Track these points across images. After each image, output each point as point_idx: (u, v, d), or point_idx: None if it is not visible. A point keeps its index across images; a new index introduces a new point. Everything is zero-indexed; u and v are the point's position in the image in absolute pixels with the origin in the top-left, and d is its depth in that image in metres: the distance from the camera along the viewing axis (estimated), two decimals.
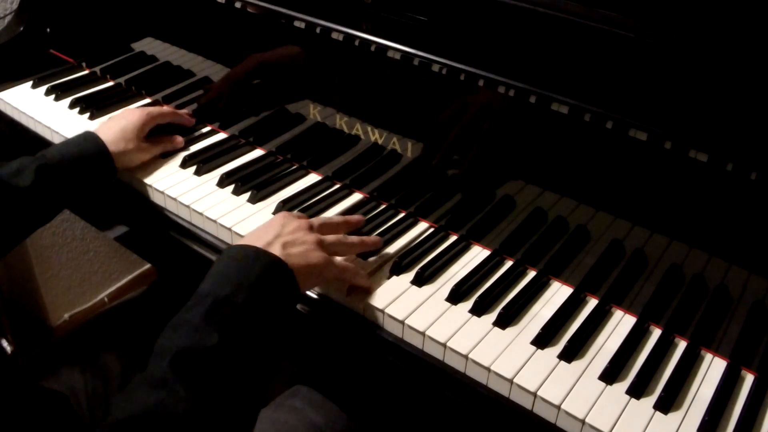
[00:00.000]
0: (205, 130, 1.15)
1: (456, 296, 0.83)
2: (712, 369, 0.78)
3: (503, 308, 0.81)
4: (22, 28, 1.29)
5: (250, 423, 0.68)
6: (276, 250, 0.73)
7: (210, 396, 0.63)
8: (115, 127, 1.00)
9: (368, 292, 0.83)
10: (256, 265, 0.71)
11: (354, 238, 0.86)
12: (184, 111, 1.14)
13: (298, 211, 0.95)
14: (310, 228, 0.81)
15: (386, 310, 0.81)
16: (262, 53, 1.05)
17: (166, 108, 1.11)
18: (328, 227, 0.85)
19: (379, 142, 0.97)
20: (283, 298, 0.72)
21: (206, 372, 0.64)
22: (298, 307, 0.86)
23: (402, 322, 0.80)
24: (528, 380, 0.73)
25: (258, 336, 0.68)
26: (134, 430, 0.59)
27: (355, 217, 0.91)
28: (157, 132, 1.07)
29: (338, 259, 0.82)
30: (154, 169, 1.04)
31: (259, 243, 0.74)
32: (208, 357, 0.64)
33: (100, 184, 0.99)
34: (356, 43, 0.92)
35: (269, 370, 0.71)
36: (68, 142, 0.97)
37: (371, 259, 0.88)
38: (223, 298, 0.67)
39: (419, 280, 0.85)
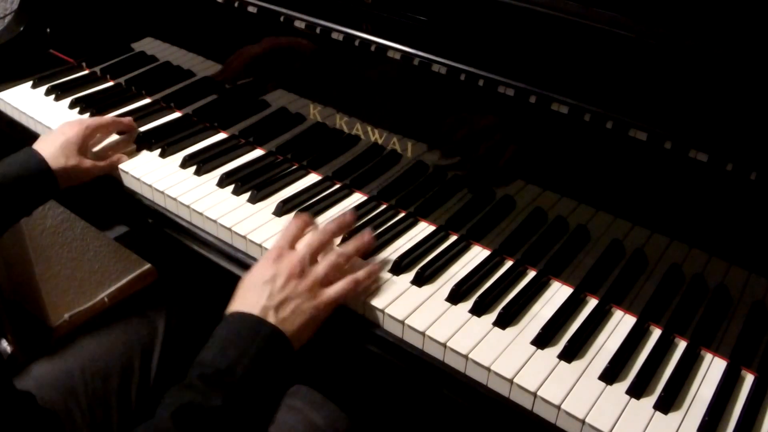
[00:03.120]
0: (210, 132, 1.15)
1: (456, 296, 0.83)
2: (712, 369, 0.78)
3: (503, 308, 0.81)
4: (22, 28, 1.29)
5: None
6: (270, 318, 0.74)
7: None
8: (55, 142, 0.98)
9: (371, 287, 0.83)
10: (256, 338, 0.72)
11: (349, 250, 0.84)
12: (126, 119, 1.11)
13: (298, 212, 0.95)
14: (302, 270, 0.79)
15: (386, 310, 0.81)
16: (252, 47, 1.05)
17: (105, 118, 1.09)
18: (319, 247, 0.83)
19: (379, 142, 0.97)
20: (281, 364, 0.74)
21: (209, 426, 0.66)
22: None
23: (402, 322, 0.80)
24: (528, 380, 0.73)
25: (260, 398, 0.70)
26: None
27: (348, 217, 0.88)
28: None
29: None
30: (153, 169, 1.04)
31: (256, 308, 0.75)
32: (212, 416, 0.66)
33: (43, 200, 0.99)
34: (356, 43, 0.92)
35: (271, 419, 0.74)
36: (8, 162, 0.96)
37: (371, 259, 0.88)
38: (225, 369, 0.69)
39: (419, 280, 0.85)
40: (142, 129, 1.13)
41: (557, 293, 0.86)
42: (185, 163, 1.05)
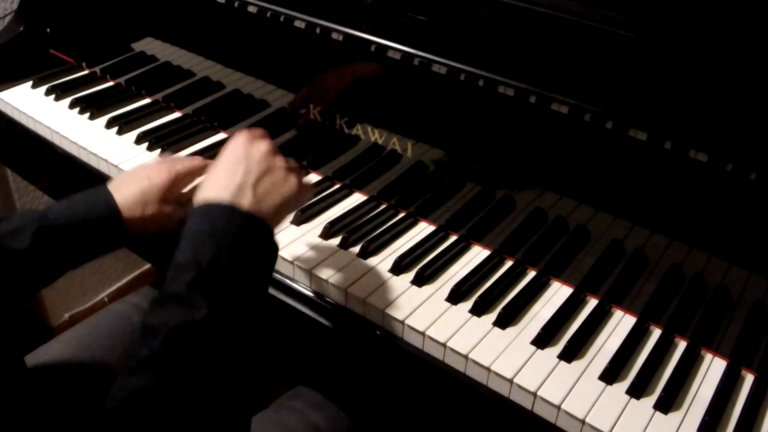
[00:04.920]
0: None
1: (456, 296, 0.83)
2: (712, 369, 0.78)
3: (503, 308, 0.81)
4: (22, 28, 1.29)
5: (249, 390, 0.66)
6: (247, 197, 0.68)
7: (205, 369, 0.61)
8: (135, 188, 0.83)
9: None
10: (232, 225, 0.66)
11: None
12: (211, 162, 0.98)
13: (298, 211, 0.95)
14: (276, 149, 0.74)
15: (386, 311, 0.81)
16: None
17: (195, 163, 0.88)
18: None
19: (379, 142, 0.97)
20: (262, 251, 0.69)
21: (201, 345, 0.62)
22: (298, 307, 0.87)
23: (402, 322, 0.80)
24: (528, 380, 0.73)
25: (246, 296, 0.66)
26: (133, 412, 0.58)
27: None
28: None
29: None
30: None
31: (228, 192, 0.69)
32: (201, 329, 0.62)
33: (109, 250, 0.85)
34: (356, 43, 0.92)
35: (259, 329, 0.68)
36: (77, 200, 0.82)
37: (371, 258, 0.89)
38: (207, 265, 0.64)
39: (419, 280, 0.85)
40: (142, 129, 1.13)
41: (557, 293, 0.86)
42: None
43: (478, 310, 0.81)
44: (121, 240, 0.84)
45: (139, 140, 1.11)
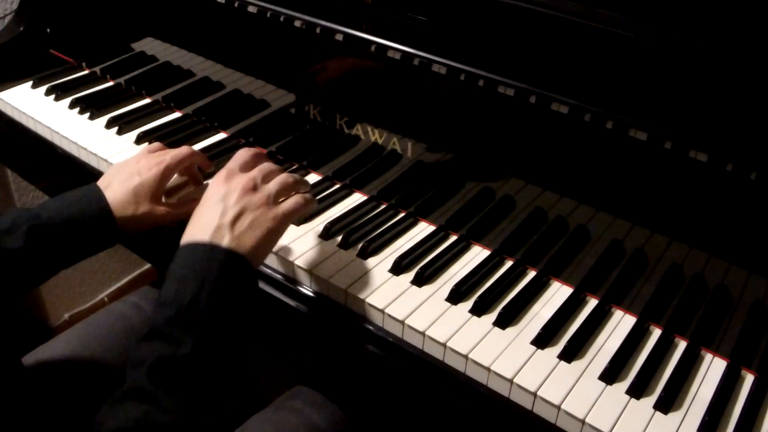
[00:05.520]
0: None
1: (456, 296, 0.83)
2: (712, 369, 0.78)
3: (503, 308, 0.81)
4: (22, 28, 1.29)
5: (239, 413, 0.69)
6: (225, 236, 0.71)
7: (193, 395, 0.64)
8: (126, 185, 0.84)
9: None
10: (212, 265, 0.69)
11: (295, 176, 0.82)
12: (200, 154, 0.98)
13: None
14: (254, 186, 0.77)
15: (386, 310, 0.81)
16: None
17: (183, 153, 0.90)
18: (270, 173, 0.80)
19: (379, 142, 0.97)
20: (243, 286, 0.71)
21: (185, 377, 0.64)
22: (298, 306, 0.87)
23: (402, 322, 0.80)
24: (528, 380, 0.73)
25: (228, 331, 0.68)
26: None
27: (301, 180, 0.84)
28: None
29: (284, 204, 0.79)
30: None
31: (208, 231, 0.72)
32: (185, 364, 0.65)
33: (101, 248, 0.86)
34: (356, 43, 0.92)
35: (245, 353, 0.71)
36: (69, 199, 0.83)
37: (371, 258, 0.89)
38: (187, 306, 0.66)
39: (419, 280, 0.85)
40: (142, 129, 1.13)
41: (557, 293, 0.86)
42: None
43: (478, 310, 0.81)
44: (114, 238, 0.85)
45: (139, 140, 1.11)
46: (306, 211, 0.81)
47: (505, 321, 0.80)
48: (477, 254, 0.91)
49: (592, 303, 0.85)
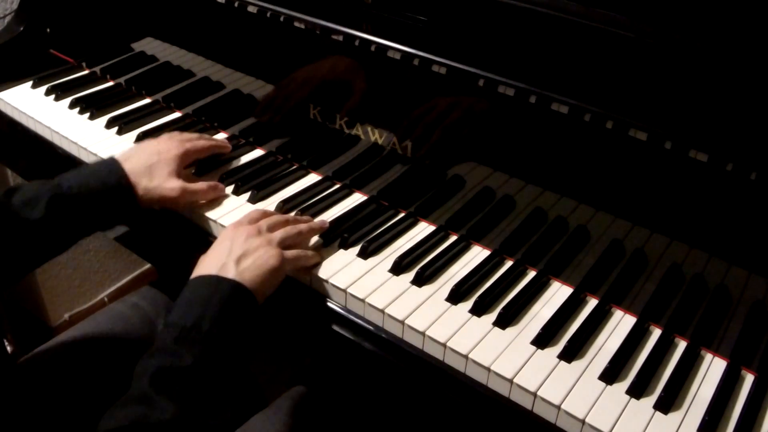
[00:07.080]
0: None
1: (456, 296, 0.83)
2: (712, 369, 0.78)
3: (503, 308, 0.81)
4: (22, 28, 1.29)
5: (239, 413, 0.72)
6: (231, 271, 0.76)
7: (192, 402, 0.67)
8: (145, 161, 0.90)
9: (319, 263, 0.86)
10: (216, 294, 0.74)
11: (302, 225, 0.87)
12: (223, 141, 1.06)
13: (298, 211, 0.95)
14: (259, 232, 0.82)
15: (386, 310, 0.81)
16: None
17: (203, 142, 0.99)
18: (276, 224, 0.86)
19: (379, 142, 0.97)
20: (245, 315, 0.75)
21: (185, 385, 0.68)
22: (297, 306, 0.87)
23: (402, 322, 0.80)
24: (528, 380, 0.73)
25: (229, 350, 0.72)
26: None
27: (317, 223, 0.91)
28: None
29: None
30: None
31: (215, 267, 0.77)
32: (185, 374, 0.68)
33: (120, 220, 0.91)
34: (356, 43, 0.92)
35: (246, 366, 0.76)
36: (90, 170, 0.88)
37: (371, 258, 0.89)
38: (190, 327, 0.71)
39: (419, 280, 0.85)
40: (142, 129, 1.13)
41: (557, 293, 0.86)
42: None
43: (478, 310, 0.81)
44: (133, 210, 0.89)
45: (139, 140, 1.11)
46: (307, 264, 0.86)
47: (505, 321, 0.80)
48: (477, 254, 0.91)
49: (592, 303, 0.85)
